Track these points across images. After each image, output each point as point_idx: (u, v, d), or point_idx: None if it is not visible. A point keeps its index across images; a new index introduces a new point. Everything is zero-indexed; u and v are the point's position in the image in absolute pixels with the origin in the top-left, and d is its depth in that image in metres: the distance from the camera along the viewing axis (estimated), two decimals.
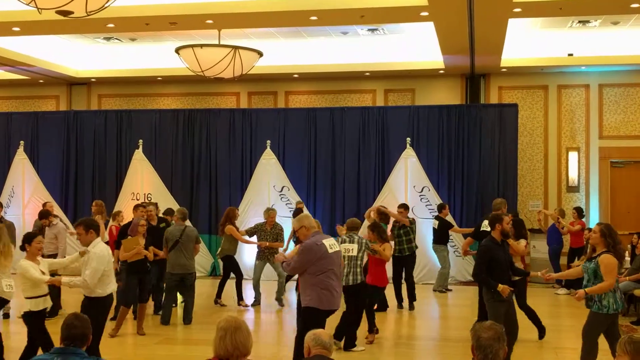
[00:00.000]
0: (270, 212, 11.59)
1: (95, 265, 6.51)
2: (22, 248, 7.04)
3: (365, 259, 8.82)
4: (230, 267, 11.63)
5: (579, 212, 13.35)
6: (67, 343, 4.09)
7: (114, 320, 9.13)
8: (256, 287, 11.37)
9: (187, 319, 9.87)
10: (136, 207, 10.35)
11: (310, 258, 6.61)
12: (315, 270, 6.62)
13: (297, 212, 12.72)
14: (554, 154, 15.71)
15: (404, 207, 11.98)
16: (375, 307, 9.55)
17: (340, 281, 7.03)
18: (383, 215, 11.30)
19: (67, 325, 4.13)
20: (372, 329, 8.86)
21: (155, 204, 11.48)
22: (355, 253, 8.42)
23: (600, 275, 6.47)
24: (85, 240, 6.67)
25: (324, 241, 6.74)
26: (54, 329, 5.70)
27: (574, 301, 12.05)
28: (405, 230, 11.45)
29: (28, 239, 7.01)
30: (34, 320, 6.78)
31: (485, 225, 9.40)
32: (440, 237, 12.90)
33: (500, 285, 7.02)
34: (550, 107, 15.76)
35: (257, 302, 11.40)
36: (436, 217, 13.06)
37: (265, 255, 11.33)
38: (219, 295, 11.48)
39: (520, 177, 15.31)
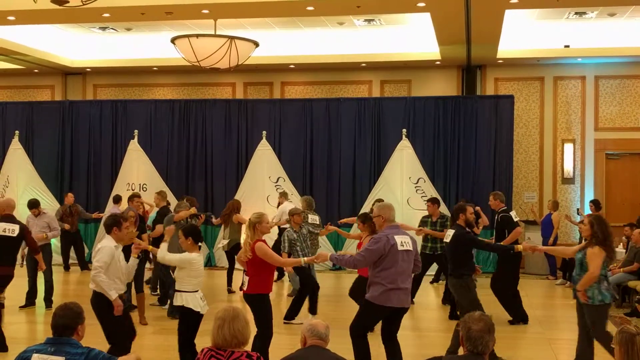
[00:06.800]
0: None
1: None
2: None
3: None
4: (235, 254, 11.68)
5: (597, 205, 13.18)
6: (54, 332, 4.10)
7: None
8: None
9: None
10: (131, 197, 10.49)
11: (379, 249, 6.34)
12: (379, 264, 6.37)
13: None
14: (549, 146, 15.73)
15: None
16: None
17: (408, 281, 6.56)
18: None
19: (54, 315, 4.14)
20: None
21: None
22: None
23: (585, 266, 6.48)
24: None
25: (397, 237, 6.42)
26: None
27: (568, 292, 12.16)
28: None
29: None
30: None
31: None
32: None
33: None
34: (546, 99, 15.76)
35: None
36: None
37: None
38: (229, 283, 11.82)
39: (515, 168, 15.32)
